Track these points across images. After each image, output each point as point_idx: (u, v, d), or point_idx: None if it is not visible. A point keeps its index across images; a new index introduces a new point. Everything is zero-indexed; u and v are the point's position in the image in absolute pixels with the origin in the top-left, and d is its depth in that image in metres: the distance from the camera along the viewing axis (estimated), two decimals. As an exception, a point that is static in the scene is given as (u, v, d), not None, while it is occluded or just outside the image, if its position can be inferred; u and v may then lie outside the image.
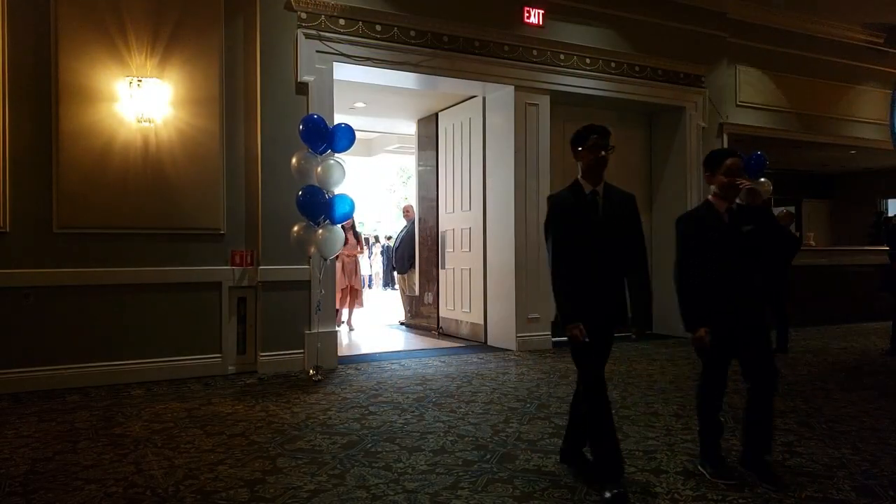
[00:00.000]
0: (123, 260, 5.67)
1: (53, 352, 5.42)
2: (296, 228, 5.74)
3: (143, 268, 5.73)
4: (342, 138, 5.78)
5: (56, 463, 3.56)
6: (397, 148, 12.24)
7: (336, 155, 5.89)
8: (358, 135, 12.33)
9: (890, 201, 14.57)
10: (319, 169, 5.66)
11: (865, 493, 3.15)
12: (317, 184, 5.70)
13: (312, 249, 5.83)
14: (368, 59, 6.49)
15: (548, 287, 7.41)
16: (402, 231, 10.13)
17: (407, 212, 10.10)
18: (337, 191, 5.85)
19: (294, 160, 5.73)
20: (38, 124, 5.39)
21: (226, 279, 6.03)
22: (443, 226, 8.67)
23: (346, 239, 8.51)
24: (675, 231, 3.45)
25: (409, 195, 19.40)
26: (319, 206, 5.68)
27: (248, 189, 6.14)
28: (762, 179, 7.95)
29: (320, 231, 5.70)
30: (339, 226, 5.95)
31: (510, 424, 4.33)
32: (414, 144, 9.69)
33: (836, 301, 10.23)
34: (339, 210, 5.76)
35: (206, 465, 3.52)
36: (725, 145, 8.83)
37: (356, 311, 9.49)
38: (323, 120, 5.80)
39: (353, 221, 9.11)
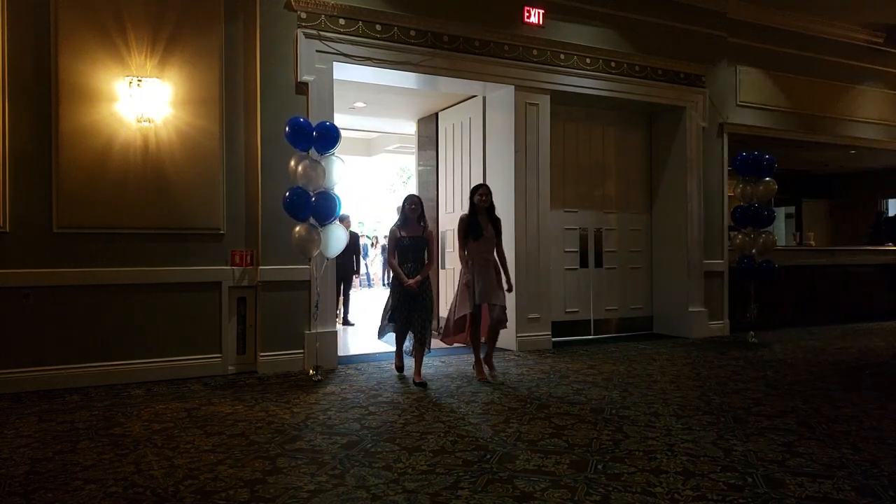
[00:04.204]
0: (123, 260, 5.67)
1: (53, 352, 5.42)
2: (297, 229, 5.69)
3: (143, 268, 5.72)
4: (324, 138, 5.72)
5: (56, 463, 3.56)
6: (397, 148, 12.25)
7: (334, 154, 5.86)
8: (358, 135, 12.34)
9: (890, 201, 14.57)
10: (300, 169, 5.63)
11: (865, 493, 3.14)
12: (300, 184, 5.66)
13: (316, 251, 5.79)
14: (368, 58, 6.49)
15: (547, 287, 7.46)
16: None
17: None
18: (326, 189, 5.77)
19: (292, 162, 5.70)
20: (38, 124, 5.39)
21: (226, 279, 6.03)
22: (443, 226, 8.66)
23: (482, 230, 5.75)
24: None
25: (410, 195, 19.37)
26: (302, 205, 5.63)
27: (248, 189, 6.14)
28: (767, 179, 7.94)
29: (297, 229, 5.66)
30: (338, 223, 5.91)
31: (510, 424, 4.33)
32: (414, 144, 9.69)
33: (837, 301, 10.23)
34: (325, 209, 5.70)
35: (206, 465, 3.52)
36: (726, 145, 8.85)
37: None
38: (308, 122, 5.76)
39: (484, 207, 5.84)
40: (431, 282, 8.93)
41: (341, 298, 9.59)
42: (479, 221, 5.81)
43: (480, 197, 5.88)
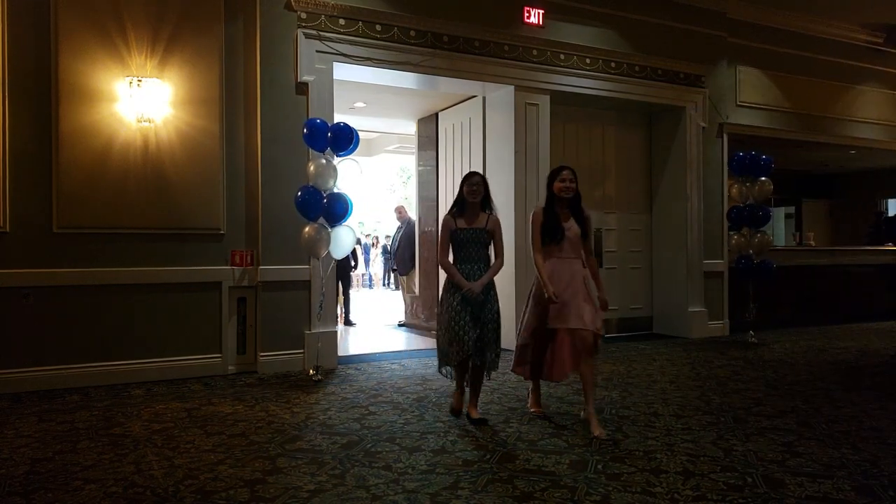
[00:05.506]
0: (123, 260, 5.66)
1: (53, 352, 5.42)
2: (307, 229, 5.71)
3: (143, 268, 5.72)
4: (338, 139, 5.74)
5: (56, 463, 3.56)
6: (397, 148, 12.24)
7: (350, 155, 5.90)
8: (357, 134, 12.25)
9: (890, 201, 14.58)
10: (312, 168, 5.66)
11: (865, 493, 3.14)
12: (313, 183, 5.68)
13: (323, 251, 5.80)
14: (368, 59, 6.49)
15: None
16: (397, 232, 10.10)
17: (400, 212, 10.06)
18: (334, 190, 5.79)
19: (310, 162, 5.74)
20: (38, 124, 5.39)
21: (226, 279, 6.03)
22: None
23: (563, 229, 4.31)
24: None
25: (409, 195, 19.40)
26: (313, 205, 5.65)
27: (248, 189, 6.14)
28: (763, 179, 7.94)
29: (307, 229, 5.68)
30: (347, 226, 5.92)
31: (510, 424, 4.33)
32: (414, 144, 9.69)
33: (837, 301, 10.23)
34: (336, 210, 5.72)
35: (206, 465, 3.52)
36: (725, 145, 8.85)
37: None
38: (325, 123, 5.79)
39: (567, 198, 4.36)
40: (433, 285, 9.04)
41: (341, 298, 9.60)
42: (560, 217, 4.34)
43: (562, 184, 4.30)
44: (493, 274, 4.38)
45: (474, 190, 4.34)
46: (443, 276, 8.66)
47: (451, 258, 4.41)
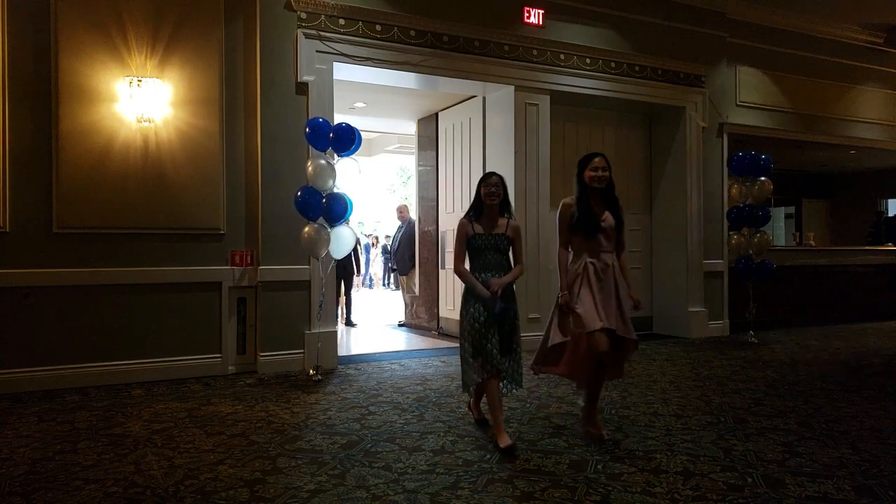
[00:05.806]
0: (123, 260, 5.67)
1: (53, 352, 5.42)
2: (307, 229, 5.71)
3: (143, 268, 5.72)
4: (340, 140, 5.76)
5: (56, 463, 3.56)
6: (397, 148, 12.25)
7: (340, 154, 5.90)
8: (357, 134, 12.24)
9: (890, 201, 14.59)
10: (311, 168, 5.67)
11: (865, 493, 3.14)
12: (311, 184, 5.69)
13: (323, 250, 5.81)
14: (368, 59, 6.49)
15: (547, 287, 7.44)
16: (397, 232, 10.10)
17: (402, 212, 10.06)
18: (334, 190, 5.80)
19: (308, 162, 5.77)
20: (38, 124, 5.39)
21: (226, 279, 6.03)
22: (443, 226, 8.66)
23: (598, 221, 4.06)
24: None
25: (409, 195, 19.40)
26: (313, 205, 5.67)
27: (248, 189, 6.14)
28: (763, 179, 7.94)
29: (307, 229, 5.69)
30: (347, 225, 5.92)
31: (510, 425, 4.33)
32: (414, 144, 9.69)
33: (836, 301, 10.24)
34: (335, 210, 5.72)
35: (206, 465, 3.52)
36: (725, 145, 8.85)
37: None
38: (327, 122, 5.80)
39: (600, 189, 4.18)
40: (433, 285, 9.05)
41: (342, 299, 9.60)
42: (593, 208, 4.04)
43: (594, 173, 4.01)
44: (513, 278, 4.05)
45: (492, 192, 4.01)
46: (443, 276, 8.74)
47: (466, 265, 4.11)
